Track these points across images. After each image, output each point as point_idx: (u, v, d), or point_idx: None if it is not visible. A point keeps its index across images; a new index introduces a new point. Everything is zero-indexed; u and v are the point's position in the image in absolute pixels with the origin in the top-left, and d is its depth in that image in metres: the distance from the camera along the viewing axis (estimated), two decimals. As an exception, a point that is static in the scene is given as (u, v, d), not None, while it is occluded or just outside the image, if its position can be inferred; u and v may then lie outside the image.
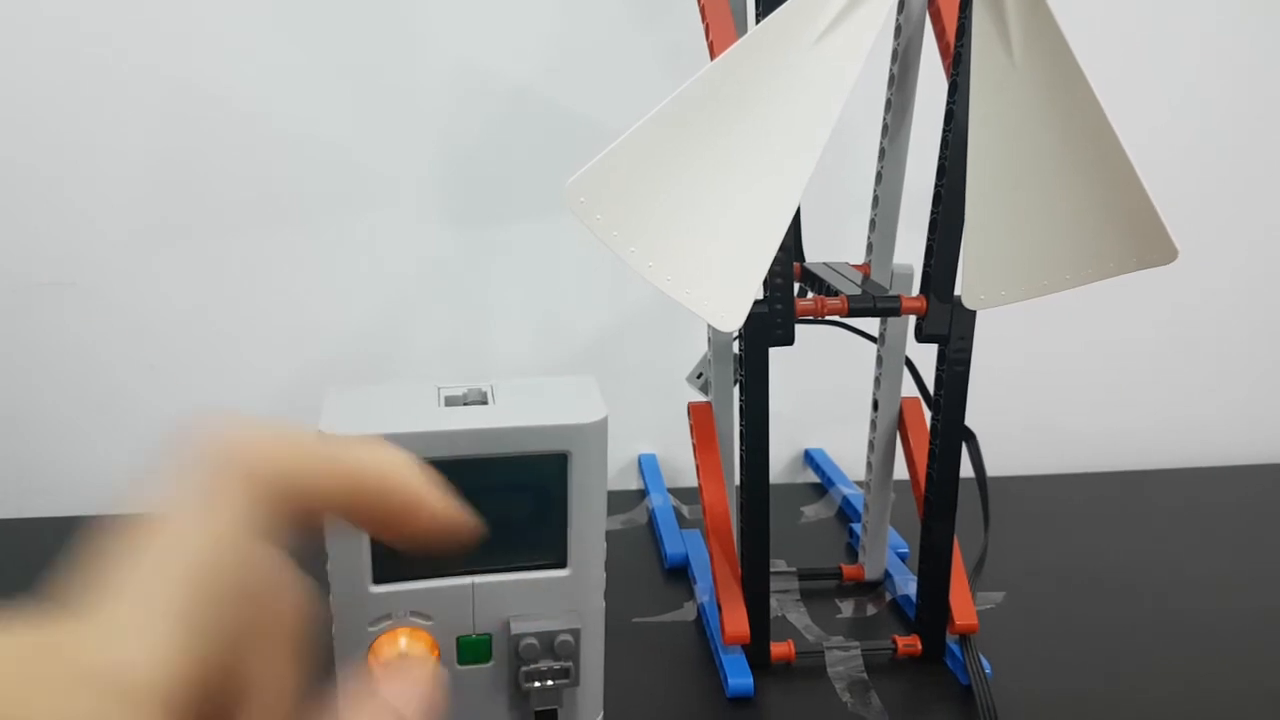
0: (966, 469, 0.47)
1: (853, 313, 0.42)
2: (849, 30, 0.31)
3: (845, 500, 0.63)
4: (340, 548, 0.29)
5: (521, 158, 0.62)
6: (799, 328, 0.42)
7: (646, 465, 0.68)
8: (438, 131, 0.61)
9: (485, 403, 0.31)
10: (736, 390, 0.44)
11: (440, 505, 0.23)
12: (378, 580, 0.30)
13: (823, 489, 0.67)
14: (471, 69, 0.60)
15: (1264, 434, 0.77)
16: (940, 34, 0.44)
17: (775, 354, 0.42)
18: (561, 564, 0.31)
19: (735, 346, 0.46)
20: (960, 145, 0.41)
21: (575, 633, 0.31)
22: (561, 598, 0.31)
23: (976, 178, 0.34)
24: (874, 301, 0.42)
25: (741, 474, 0.44)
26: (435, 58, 0.60)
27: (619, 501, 0.64)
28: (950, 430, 0.44)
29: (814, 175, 0.31)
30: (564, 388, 0.32)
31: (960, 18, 0.41)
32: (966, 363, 0.43)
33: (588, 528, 0.31)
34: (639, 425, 0.69)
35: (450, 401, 0.31)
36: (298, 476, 0.21)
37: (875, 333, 0.51)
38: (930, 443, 0.45)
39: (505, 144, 0.62)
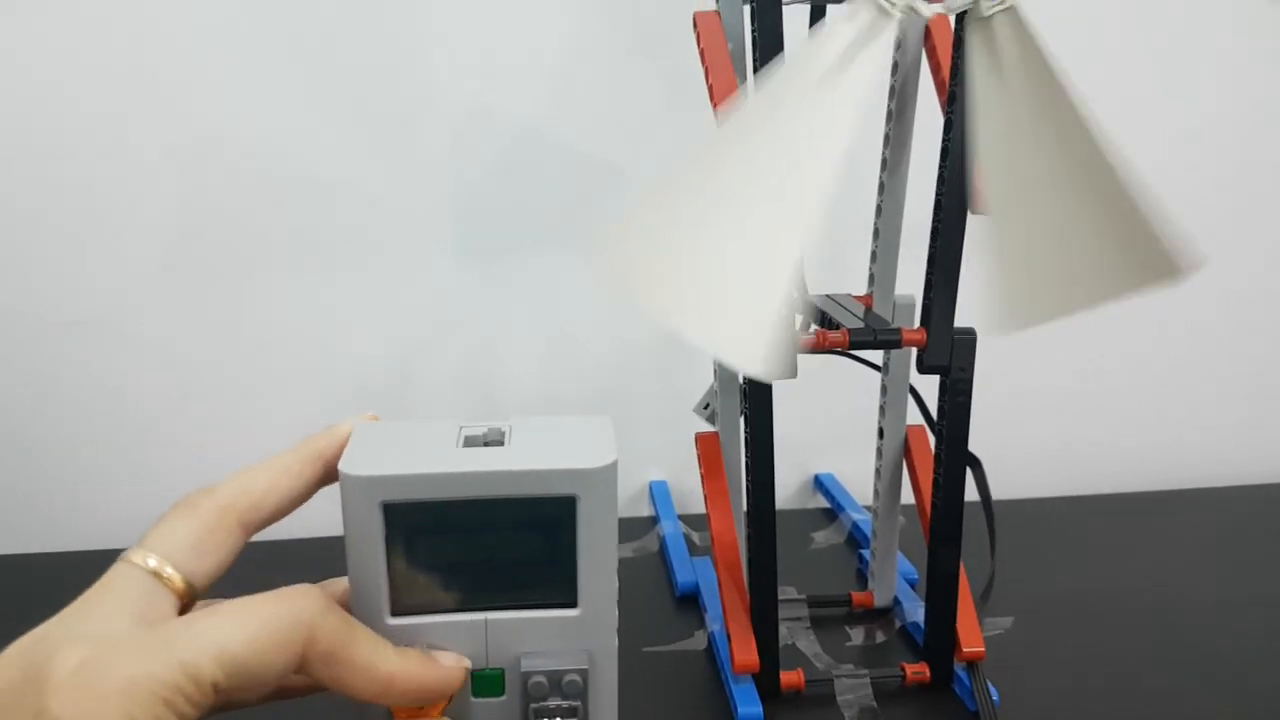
0: (974, 493, 0.48)
1: (854, 345, 0.43)
2: (851, 75, 0.32)
3: (855, 526, 0.64)
4: (360, 582, 0.30)
5: (530, 192, 0.64)
6: (806, 355, 0.43)
7: (657, 492, 0.68)
8: (448, 167, 0.63)
9: (502, 443, 0.32)
10: (743, 421, 0.45)
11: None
12: (395, 613, 0.31)
13: (833, 514, 0.67)
14: (478, 106, 0.62)
15: (1276, 451, 0.78)
16: (935, 70, 0.45)
17: (784, 380, 0.43)
18: (572, 604, 0.32)
19: (740, 378, 0.47)
20: (956, 181, 0.42)
21: (583, 673, 0.32)
22: (572, 637, 0.32)
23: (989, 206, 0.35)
24: (875, 335, 0.43)
25: (748, 505, 0.45)
26: (443, 96, 0.61)
27: (630, 528, 0.65)
28: (954, 459, 0.45)
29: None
30: (579, 429, 0.33)
31: (954, 56, 0.42)
32: (968, 392, 0.44)
33: (598, 568, 0.32)
34: (650, 452, 0.70)
35: (470, 441, 0.32)
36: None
37: (880, 362, 0.52)
38: (935, 471, 0.46)
39: (513, 179, 0.63)
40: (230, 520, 0.29)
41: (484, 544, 0.32)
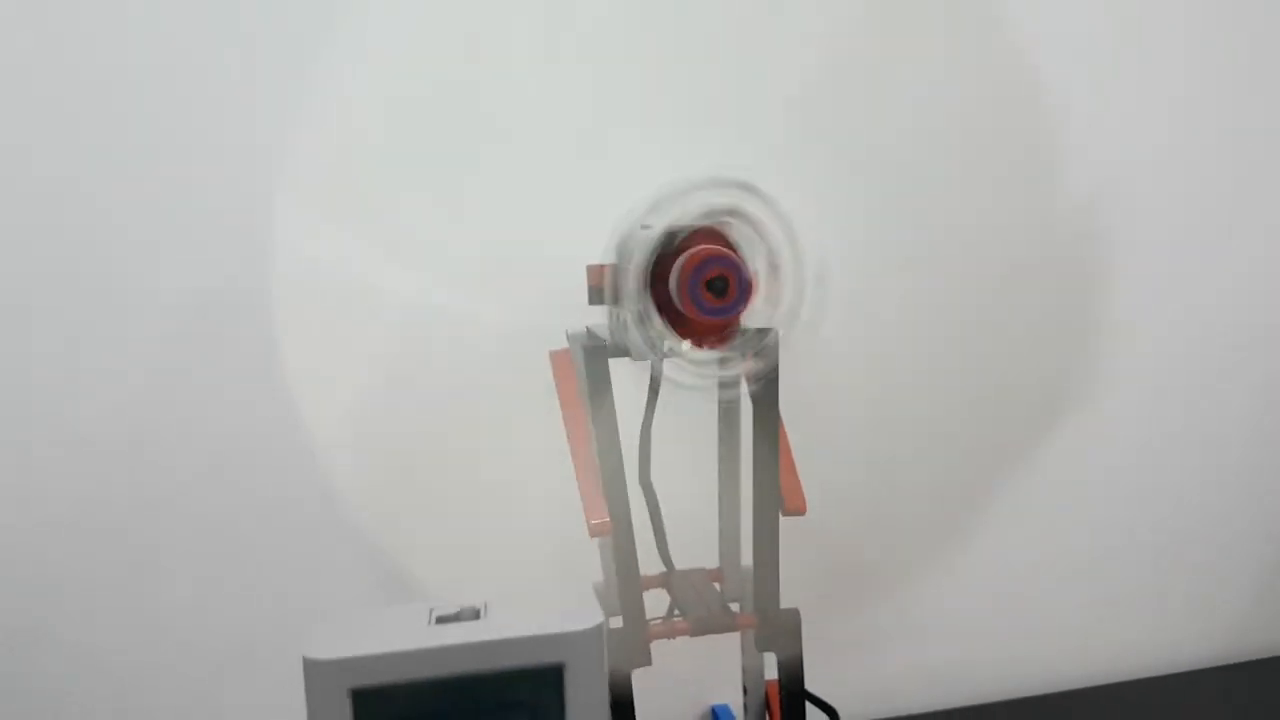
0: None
1: (696, 633, 0.50)
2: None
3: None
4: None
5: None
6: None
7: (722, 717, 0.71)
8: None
9: (478, 618, 0.30)
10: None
11: None
12: None
13: (729, 752, 0.72)
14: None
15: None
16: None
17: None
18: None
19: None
20: (766, 486, 0.50)
21: None
22: None
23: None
24: (713, 623, 0.50)
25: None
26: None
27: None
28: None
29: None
30: (560, 596, 0.32)
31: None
32: (798, 665, 0.51)
33: (591, 748, 0.29)
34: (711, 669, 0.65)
35: (442, 619, 0.30)
36: None
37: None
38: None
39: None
40: None
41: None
